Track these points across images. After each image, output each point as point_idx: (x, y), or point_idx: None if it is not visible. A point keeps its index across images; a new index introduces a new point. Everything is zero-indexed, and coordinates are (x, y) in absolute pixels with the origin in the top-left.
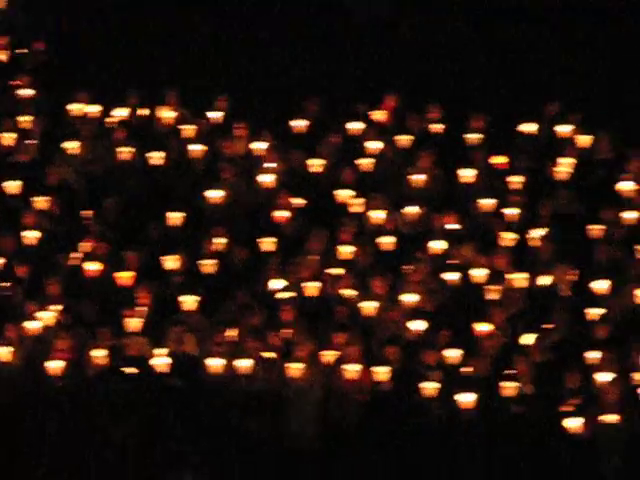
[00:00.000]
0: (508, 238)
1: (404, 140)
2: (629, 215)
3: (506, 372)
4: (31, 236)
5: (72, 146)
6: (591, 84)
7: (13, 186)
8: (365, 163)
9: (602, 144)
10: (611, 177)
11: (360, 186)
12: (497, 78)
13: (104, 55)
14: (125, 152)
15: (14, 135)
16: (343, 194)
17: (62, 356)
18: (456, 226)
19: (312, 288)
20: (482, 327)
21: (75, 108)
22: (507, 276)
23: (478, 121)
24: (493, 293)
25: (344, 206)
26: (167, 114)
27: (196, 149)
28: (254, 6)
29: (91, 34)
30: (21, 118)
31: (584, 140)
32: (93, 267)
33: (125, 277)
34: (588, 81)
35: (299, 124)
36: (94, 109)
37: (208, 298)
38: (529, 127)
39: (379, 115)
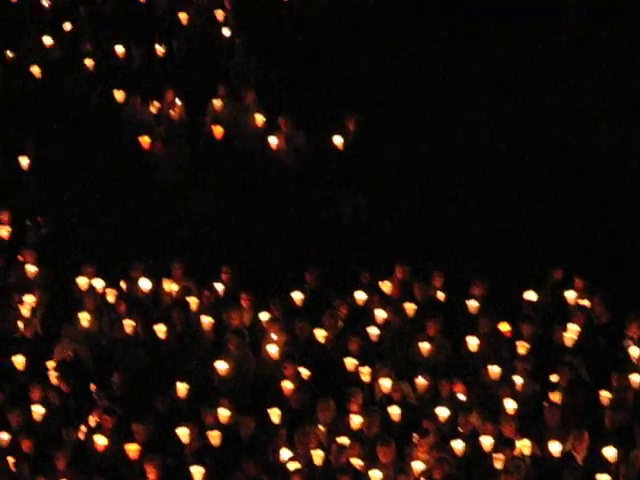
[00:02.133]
0: (515, 405)
1: (410, 308)
2: (637, 379)
3: None
4: (38, 411)
5: (79, 319)
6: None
7: (19, 362)
8: (371, 332)
9: (605, 308)
10: (617, 341)
11: (367, 355)
12: (500, 247)
13: (107, 228)
14: (130, 325)
15: (22, 311)
16: (350, 363)
17: None
18: (463, 394)
19: (320, 458)
20: None
21: (81, 282)
22: (515, 443)
23: (480, 288)
24: (501, 461)
25: (351, 375)
26: (172, 286)
27: (202, 321)
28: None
29: (92, 206)
30: (26, 297)
31: (588, 305)
32: (101, 441)
33: (133, 450)
34: (591, 247)
35: (302, 295)
36: (99, 283)
37: (216, 470)
38: (532, 295)
39: (386, 285)
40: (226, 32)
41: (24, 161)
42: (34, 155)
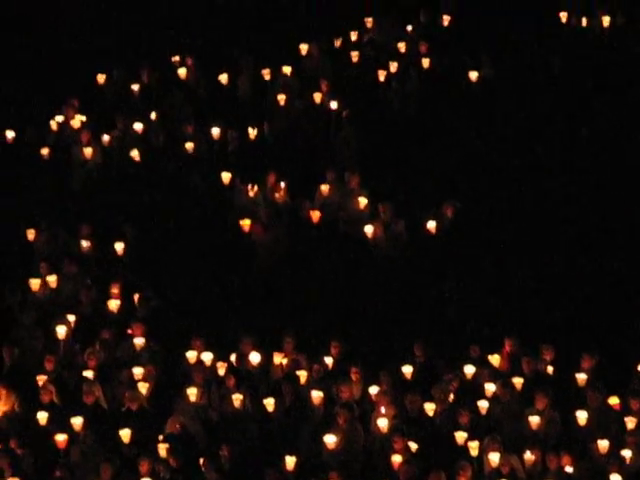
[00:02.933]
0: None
1: (519, 382)
2: None
3: None
4: None
5: (188, 393)
6: None
7: (125, 434)
8: (481, 405)
9: None
10: None
11: (476, 428)
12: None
13: (217, 302)
14: (239, 399)
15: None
16: (459, 437)
17: None
18: (571, 467)
19: None
20: None
21: (190, 355)
22: None
23: (590, 361)
24: None
25: (460, 449)
26: (282, 359)
27: (312, 395)
28: None
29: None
30: (136, 370)
31: None
32: None
33: None
34: None
35: (412, 369)
36: (208, 356)
37: None
38: None
39: (495, 359)
40: (333, 105)
41: (119, 246)
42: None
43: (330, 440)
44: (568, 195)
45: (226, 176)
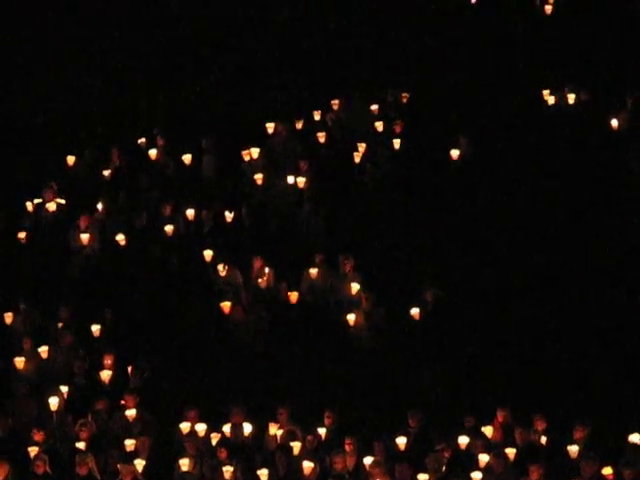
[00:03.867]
0: None
1: (512, 453)
2: None
3: None
4: None
5: (181, 464)
6: None
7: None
8: (474, 477)
9: None
10: None
11: None
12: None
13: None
14: (229, 471)
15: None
16: None
17: None
18: None
19: None
20: None
21: (183, 426)
22: None
23: (583, 431)
24: None
25: None
26: (277, 430)
27: (306, 465)
28: None
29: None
30: (128, 441)
31: None
32: None
33: None
34: None
35: (406, 439)
36: (201, 427)
37: None
38: (637, 438)
39: (488, 430)
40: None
41: (95, 328)
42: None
43: None
44: (550, 259)
45: (208, 254)
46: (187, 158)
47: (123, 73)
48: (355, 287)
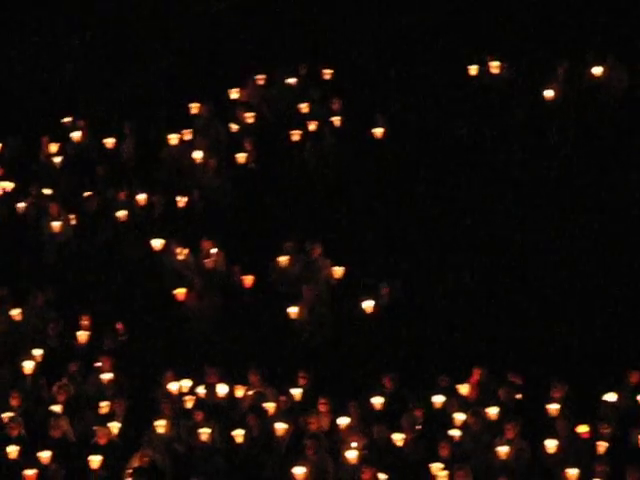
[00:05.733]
0: None
1: (488, 412)
2: None
3: None
4: None
5: (157, 425)
6: None
7: (95, 461)
8: (453, 434)
9: None
10: None
11: (447, 458)
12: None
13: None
14: (207, 432)
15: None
16: (428, 466)
17: None
18: None
19: None
20: None
21: (159, 388)
22: None
23: (560, 391)
24: None
25: (430, 479)
26: (247, 392)
27: (279, 427)
28: None
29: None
30: (103, 403)
31: None
32: None
33: None
34: None
35: (381, 400)
36: (176, 388)
37: None
38: (612, 397)
39: (464, 388)
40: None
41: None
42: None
43: (299, 471)
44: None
45: (157, 242)
46: (109, 142)
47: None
48: (339, 271)
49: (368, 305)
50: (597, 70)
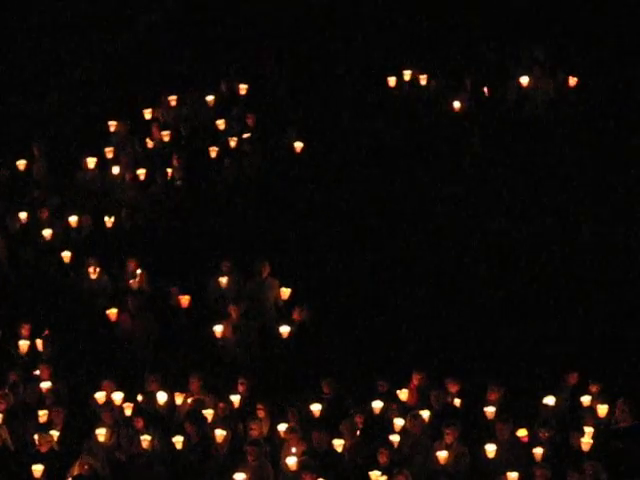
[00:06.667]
0: None
1: (427, 416)
2: None
3: None
4: None
5: (97, 434)
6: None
7: (37, 470)
8: (390, 439)
9: (622, 412)
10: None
11: (386, 465)
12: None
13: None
14: (147, 439)
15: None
16: (368, 472)
17: None
18: None
19: None
20: None
21: (99, 396)
22: None
23: (497, 393)
24: None
25: None
26: (188, 399)
27: (218, 433)
28: None
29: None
30: (41, 412)
31: (604, 409)
32: None
33: None
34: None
35: (320, 406)
36: (118, 396)
37: None
38: (550, 400)
39: (403, 393)
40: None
41: None
42: None
43: (240, 478)
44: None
45: (66, 255)
46: (21, 164)
47: None
48: (286, 292)
49: (285, 330)
50: (524, 80)
